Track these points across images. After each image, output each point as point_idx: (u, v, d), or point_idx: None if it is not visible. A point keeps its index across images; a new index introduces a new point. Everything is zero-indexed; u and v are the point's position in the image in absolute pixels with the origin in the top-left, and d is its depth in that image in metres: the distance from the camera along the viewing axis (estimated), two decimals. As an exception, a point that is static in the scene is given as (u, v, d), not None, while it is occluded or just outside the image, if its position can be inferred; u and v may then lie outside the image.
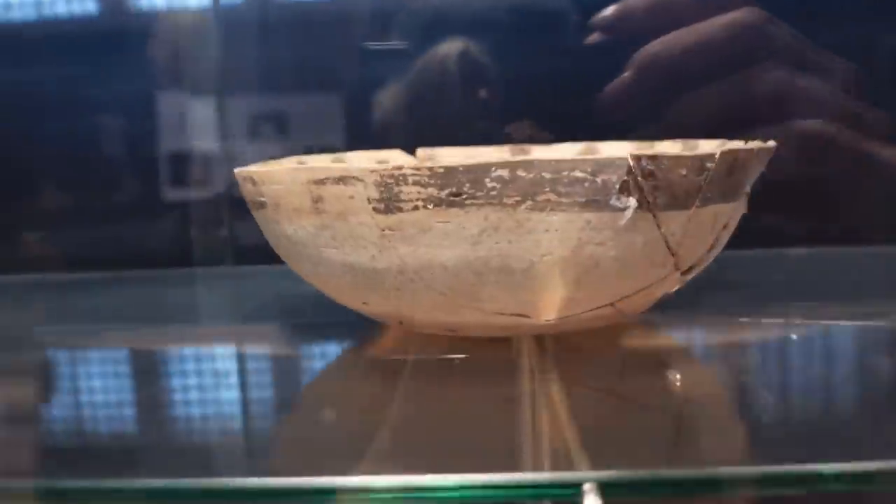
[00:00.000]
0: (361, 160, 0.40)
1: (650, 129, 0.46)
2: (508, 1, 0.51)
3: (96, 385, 0.33)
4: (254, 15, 0.57)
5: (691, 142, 0.37)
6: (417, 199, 0.25)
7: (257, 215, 0.30)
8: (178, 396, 0.31)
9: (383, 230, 0.26)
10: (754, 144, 0.29)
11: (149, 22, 0.56)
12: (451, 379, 0.29)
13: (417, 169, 0.25)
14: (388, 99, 0.51)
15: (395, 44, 0.51)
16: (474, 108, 0.51)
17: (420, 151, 0.41)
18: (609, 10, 0.48)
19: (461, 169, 0.24)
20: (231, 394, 0.31)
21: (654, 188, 0.25)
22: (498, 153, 0.41)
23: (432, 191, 0.25)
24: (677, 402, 0.28)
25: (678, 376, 0.30)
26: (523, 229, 0.25)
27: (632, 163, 0.25)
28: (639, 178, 0.25)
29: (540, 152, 0.41)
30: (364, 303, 0.29)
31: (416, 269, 0.26)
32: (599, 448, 0.22)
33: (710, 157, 0.26)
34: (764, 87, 0.46)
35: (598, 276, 0.27)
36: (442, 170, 0.25)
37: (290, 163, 0.36)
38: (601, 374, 0.30)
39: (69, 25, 0.59)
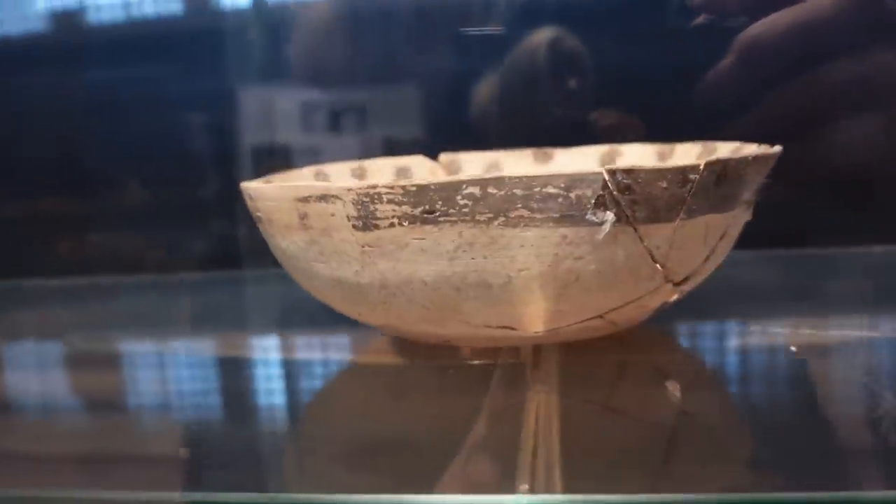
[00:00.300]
0: (382, 168, 0.40)
1: (751, 117, 0.45)
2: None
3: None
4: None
5: (710, 144, 0.36)
6: (393, 217, 0.26)
7: (260, 228, 0.31)
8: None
9: (363, 246, 0.27)
10: (750, 152, 0.29)
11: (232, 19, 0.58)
12: (444, 388, 0.30)
13: (391, 187, 0.25)
14: (480, 91, 0.52)
15: (487, 29, 0.51)
16: (563, 97, 0.51)
17: (443, 157, 0.42)
18: None
19: (433, 186, 0.25)
20: (242, 401, 0.33)
21: (632, 202, 0.25)
22: (519, 157, 0.41)
23: (406, 208, 0.25)
24: (669, 416, 0.28)
25: (676, 390, 0.30)
26: (497, 245, 0.25)
27: (607, 177, 0.25)
28: (615, 193, 0.25)
29: (560, 156, 0.41)
30: (358, 314, 0.30)
31: (398, 284, 0.27)
32: (571, 463, 0.22)
33: (694, 168, 0.26)
34: (876, 69, 0.44)
35: (581, 290, 0.27)
36: (414, 188, 0.25)
37: (305, 174, 0.37)
38: (596, 385, 0.30)
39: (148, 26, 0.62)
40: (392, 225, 0.26)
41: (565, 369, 0.30)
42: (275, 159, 0.59)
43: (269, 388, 0.34)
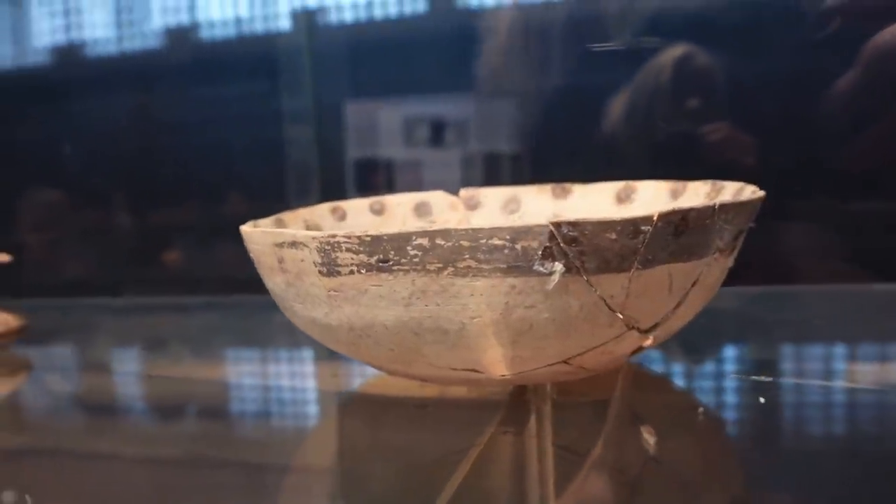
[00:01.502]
0: (401, 203, 0.42)
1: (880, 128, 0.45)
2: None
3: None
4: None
5: (718, 183, 0.37)
6: (352, 265, 0.28)
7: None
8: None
9: (329, 291, 0.29)
10: (723, 197, 0.29)
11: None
12: (421, 425, 0.32)
13: (348, 237, 0.27)
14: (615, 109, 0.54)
15: (613, 45, 0.54)
16: (682, 114, 0.53)
17: (463, 192, 0.44)
18: None
19: (385, 238, 0.27)
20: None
21: (580, 253, 0.26)
22: (538, 192, 0.42)
23: (363, 257, 0.27)
24: (636, 463, 0.28)
25: (650, 437, 0.30)
26: (448, 294, 0.27)
27: (553, 229, 0.26)
28: (562, 245, 0.26)
29: (577, 191, 0.42)
30: (339, 350, 0.32)
31: (362, 327, 0.29)
32: None
33: (647, 219, 0.27)
34: None
35: (536, 337, 0.28)
36: (369, 238, 0.27)
37: (321, 210, 0.40)
38: (567, 424, 0.31)
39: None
40: (352, 272, 0.28)
41: (540, 411, 0.31)
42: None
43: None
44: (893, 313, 0.45)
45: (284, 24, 0.67)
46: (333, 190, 0.65)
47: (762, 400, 0.31)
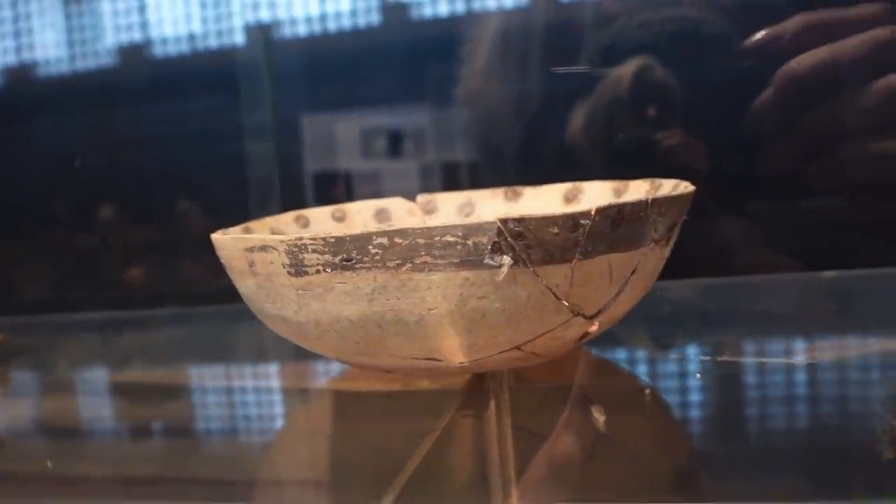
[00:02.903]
0: (361, 210, 0.46)
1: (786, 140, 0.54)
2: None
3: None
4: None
5: (657, 181, 0.40)
6: (318, 264, 0.31)
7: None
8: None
9: (298, 290, 0.32)
10: (658, 194, 0.33)
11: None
12: (385, 412, 0.35)
13: (314, 239, 0.31)
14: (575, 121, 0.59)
15: (578, 68, 0.58)
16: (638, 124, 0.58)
17: (420, 197, 0.47)
18: (760, 35, 0.55)
19: (348, 238, 0.30)
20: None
21: (526, 246, 0.30)
22: (492, 195, 0.46)
23: (328, 257, 0.31)
24: (583, 438, 0.32)
25: (600, 414, 0.34)
26: (407, 288, 0.31)
27: (500, 226, 0.30)
28: (509, 239, 0.30)
29: (528, 194, 0.45)
30: (308, 346, 0.36)
31: (329, 322, 0.32)
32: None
33: (585, 214, 0.30)
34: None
35: (489, 326, 0.31)
36: (333, 240, 0.30)
37: (285, 220, 0.43)
38: (523, 407, 0.35)
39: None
40: (318, 271, 0.31)
41: (498, 395, 0.35)
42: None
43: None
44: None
45: (239, 38, 0.70)
46: (293, 204, 0.68)
47: (698, 376, 0.35)
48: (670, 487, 0.28)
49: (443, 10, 0.64)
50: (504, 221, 0.30)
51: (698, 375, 0.36)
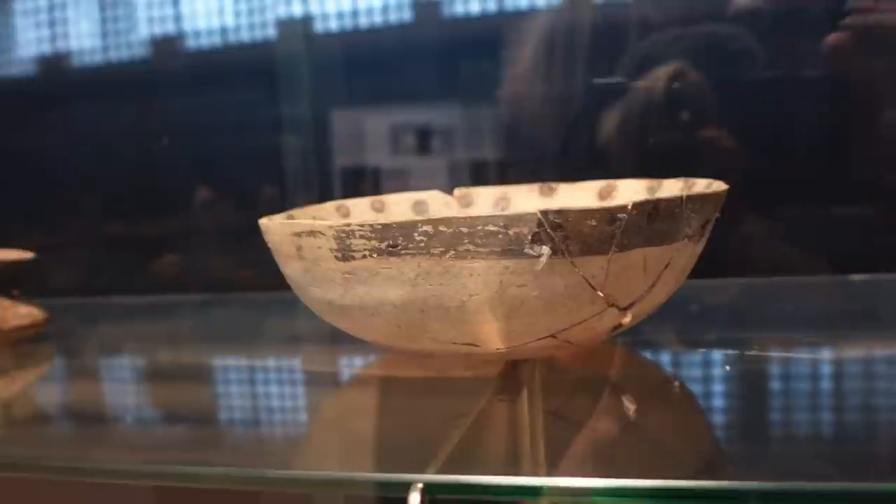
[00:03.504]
0: (399, 202, 0.48)
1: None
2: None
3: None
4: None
5: (690, 180, 0.42)
6: (365, 250, 0.33)
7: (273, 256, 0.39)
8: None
9: (344, 274, 0.34)
10: (692, 192, 0.35)
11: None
12: (425, 395, 0.37)
13: (361, 226, 0.33)
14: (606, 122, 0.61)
15: (615, 79, 0.60)
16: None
17: (457, 191, 0.49)
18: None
19: (394, 226, 0.32)
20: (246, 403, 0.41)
21: (564, 237, 0.32)
22: (528, 191, 0.48)
23: (375, 243, 0.33)
24: (607, 424, 0.34)
25: (630, 402, 0.36)
26: (450, 274, 0.32)
27: (540, 217, 0.31)
28: (549, 230, 0.32)
29: (563, 190, 0.47)
30: (350, 330, 0.38)
31: (374, 305, 0.34)
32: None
33: (622, 208, 0.32)
34: None
35: (527, 313, 0.33)
36: (380, 226, 0.32)
37: (328, 209, 0.45)
38: (556, 395, 0.36)
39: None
40: (365, 256, 0.33)
41: (531, 383, 0.37)
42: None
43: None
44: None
45: (273, 32, 0.72)
46: (324, 198, 0.70)
47: (727, 369, 0.37)
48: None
49: (474, 8, 0.66)
50: (544, 213, 0.31)
51: (727, 368, 0.37)
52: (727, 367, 0.38)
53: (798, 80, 0.57)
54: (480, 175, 0.67)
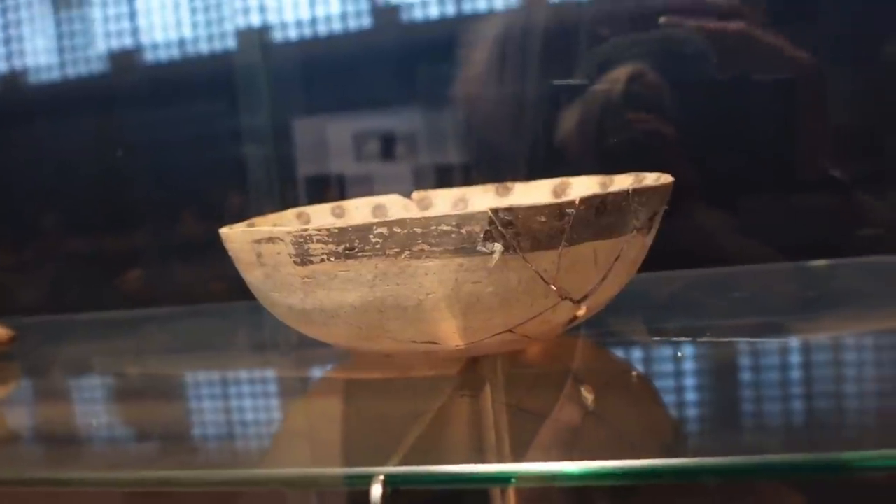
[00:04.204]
0: (359, 206, 0.49)
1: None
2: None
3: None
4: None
5: (641, 175, 0.44)
6: (322, 254, 0.34)
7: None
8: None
9: (303, 278, 0.35)
10: (639, 185, 0.36)
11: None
12: (388, 395, 0.39)
13: (319, 230, 0.34)
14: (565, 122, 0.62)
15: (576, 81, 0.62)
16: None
17: (415, 194, 0.51)
18: None
19: (350, 229, 0.34)
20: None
21: (515, 234, 0.33)
22: (483, 191, 0.50)
23: (332, 247, 0.34)
24: (565, 414, 0.35)
25: (587, 393, 0.37)
26: (406, 274, 0.34)
27: (491, 215, 0.33)
28: (500, 227, 0.33)
29: (519, 189, 0.49)
30: (311, 333, 0.39)
31: (333, 308, 0.36)
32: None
33: (570, 203, 0.34)
34: None
35: (483, 309, 0.35)
36: (336, 230, 0.34)
37: (288, 216, 0.47)
38: (517, 389, 0.38)
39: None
40: (323, 260, 0.34)
41: (492, 378, 0.38)
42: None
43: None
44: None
45: (232, 43, 0.73)
46: (288, 207, 0.71)
47: (679, 355, 0.39)
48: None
49: (433, 12, 0.67)
50: (495, 211, 0.33)
51: (679, 355, 0.39)
52: (680, 355, 0.39)
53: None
54: (444, 179, 0.68)
